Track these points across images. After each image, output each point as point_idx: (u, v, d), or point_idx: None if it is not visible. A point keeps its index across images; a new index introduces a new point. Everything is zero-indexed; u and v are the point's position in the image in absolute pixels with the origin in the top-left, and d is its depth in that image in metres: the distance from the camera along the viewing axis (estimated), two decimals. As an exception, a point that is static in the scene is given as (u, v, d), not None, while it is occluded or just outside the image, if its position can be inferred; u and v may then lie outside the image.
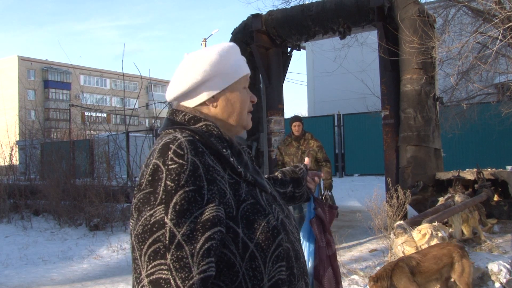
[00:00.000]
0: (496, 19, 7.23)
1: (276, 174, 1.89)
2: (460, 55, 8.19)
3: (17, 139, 17.27)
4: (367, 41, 11.26)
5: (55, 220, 10.17)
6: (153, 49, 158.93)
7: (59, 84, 60.23)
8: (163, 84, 64.00)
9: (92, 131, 16.93)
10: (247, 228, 1.24)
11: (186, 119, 1.38)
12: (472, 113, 11.37)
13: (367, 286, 4.68)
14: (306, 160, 2.02)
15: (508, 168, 9.07)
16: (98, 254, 7.50)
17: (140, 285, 1.14)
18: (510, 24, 6.97)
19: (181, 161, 1.20)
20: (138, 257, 1.16)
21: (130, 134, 18.56)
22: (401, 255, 4.43)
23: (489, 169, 7.88)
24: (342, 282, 4.87)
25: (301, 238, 1.84)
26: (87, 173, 12.15)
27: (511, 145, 13.88)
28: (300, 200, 1.90)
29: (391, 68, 8.10)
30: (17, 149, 16.03)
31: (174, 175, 1.19)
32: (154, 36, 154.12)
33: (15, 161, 15.21)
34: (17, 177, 13.35)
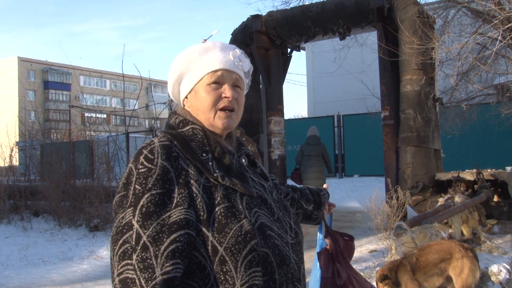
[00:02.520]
0: (496, 20, 7.24)
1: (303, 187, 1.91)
2: (460, 56, 8.20)
3: (17, 140, 17.27)
4: (367, 42, 11.27)
5: (55, 221, 10.17)
6: (153, 50, 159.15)
7: (59, 85, 60.23)
8: (163, 85, 63.96)
9: (92, 132, 16.94)
10: (217, 231, 1.24)
11: (177, 122, 1.43)
12: (472, 114, 11.37)
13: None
14: (325, 185, 2.02)
15: (508, 169, 9.08)
16: (98, 254, 7.50)
17: (114, 283, 1.20)
18: (509, 25, 6.98)
19: (149, 165, 1.25)
20: (112, 257, 1.22)
21: (130, 135, 18.55)
22: (401, 255, 4.43)
23: (489, 170, 7.89)
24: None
25: (313, 266, 1.85)
26: (87, 174, 12.15)
27: (511, 146, 13.89)
28: (314, 222, 1.92)
29: (390, 68, 8.10)
30: (17, 150, 16.03)
31: (142, 178, 1.24)
32: (154, 37, 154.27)
33: (15, 162, 15.20)
34: (17, 178, 13.33)
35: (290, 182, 7.10)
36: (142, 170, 1.25)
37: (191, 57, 1.44)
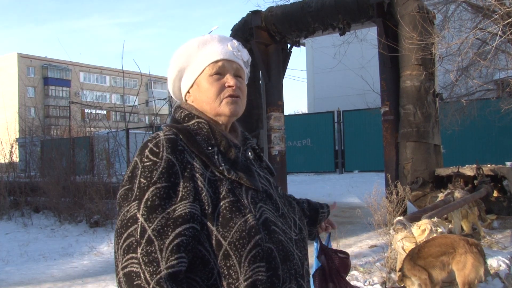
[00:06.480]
0: (496, 15, 7.23)
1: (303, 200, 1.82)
2: (460, 51, 8.19)
3: (17, 136, 17.28)
4: (367, 38, 11.23)
5: (56, 217, 10.18)
6: (153, 46, 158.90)
7: (58, 81, 60.20)
8: (163, 81, 63.86)
9: (92, 128, 16.93)
10: (222, 226, 1.24)
11: (182, 116, 1.42)
12: (472, 109, 11.36)
13: (367, 282, 4.73)
14: (334, 204, 1.93)
15: (508, 164, 9.08)
16: (99, 250, 7.50)
17: (118, 277, 1.19)
18: (509, 20, 6.97)
19: (155, 158, 1.25)
20: (116, 250, 1.22)
21: (130, 131, 18.56)
22: (401, 250, 4.45)
23: (488, 165, 7.90)
24: (342, 278, 4.89)
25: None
26: (87, 170, 12.14)
27: (510, 141, 13.88)
28: (309, 237, 1.81)
29: (390, 64, 8.09)
30: (17, 147, 16.03)
31: (147, 172, 1.23)
32: (154, 34, 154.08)
33: (15, 159, 15.21)
34: (17, 175, 13.34)
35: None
36: (147, 163, 1.24)
37: (190, 51, 1.44)
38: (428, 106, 7.81)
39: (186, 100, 1.48)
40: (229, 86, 1.41)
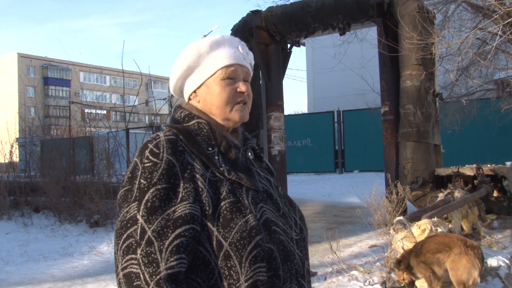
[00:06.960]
0: (496, 15, 7.23)
1: None
2: (460, 51, 8.19)
3: (17, 136, 17.27)
4: (367, 38, 11.22)
5: (56, 217, 10.18)
6: (153, 46, 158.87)
7: (58, 81, 60.19)
8: (163, 81, 63.92)
9: (92, 128, 16.93)
10: (222, 226, 1.23)
11: (182, 116, 1.41)
12: (472, 109, 11.36)
13: (367, 282, 4.73)
14: (315, 273, 1.74)
15: (508, 164, 9.07)
16: (99, 250, 7.51)
17: (118, 278, 1.19)
18: (509, 20, 6.97)
19: (155, 159, 1.24)
20: (116, 251, 1.22)
21: (130, 131, 18.56)
22: (401, 250, 4.45)
23: (488, 165, 7.90)
24: (342, 278, 4.89)
25: None
26: (87, 170, 12.15)
27: (510, 141, 13.87)
28: None
29: (390, 64, 8.09)
30: (17, 146, 16.02)
31: (147, 173, 1.23)
32: (154, 33, 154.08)
33: (15, 158, 15.20)
34: (17, 174, 13.34)
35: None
36: (148, 164, 1.24)
37: (202, 51, 1.42)
38: (428, 106, 7.81)
39: (189, 100, 1.46)
40: (240, 92, 1.41)
